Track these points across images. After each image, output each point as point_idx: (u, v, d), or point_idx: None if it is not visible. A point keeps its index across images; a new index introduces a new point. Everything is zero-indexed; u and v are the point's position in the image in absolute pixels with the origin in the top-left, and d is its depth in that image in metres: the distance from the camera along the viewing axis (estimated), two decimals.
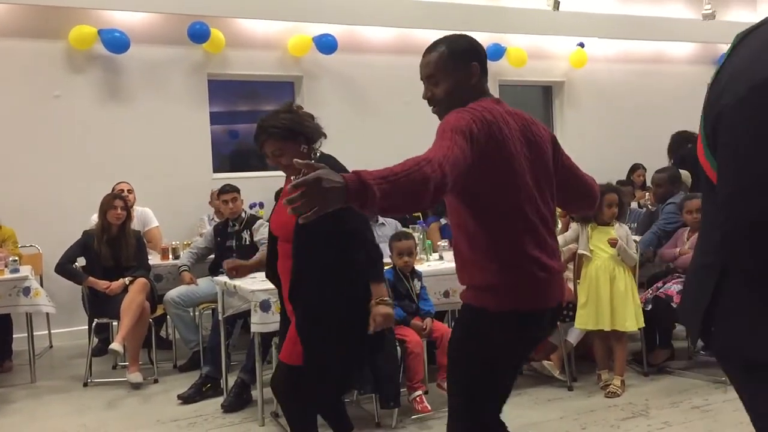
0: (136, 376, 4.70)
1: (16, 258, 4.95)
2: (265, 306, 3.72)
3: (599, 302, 4.23)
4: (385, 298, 2.65)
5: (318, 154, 2.78)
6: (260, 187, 6.71)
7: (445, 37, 2.23)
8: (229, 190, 5.29)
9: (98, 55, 6.41)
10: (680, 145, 6.46)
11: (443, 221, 5.44)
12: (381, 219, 5.70)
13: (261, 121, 2.73)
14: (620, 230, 4.39)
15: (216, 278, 4.62)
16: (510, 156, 2.05)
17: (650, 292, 4.57)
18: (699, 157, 1.48)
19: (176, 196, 6.55)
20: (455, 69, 2.16)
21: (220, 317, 4.31)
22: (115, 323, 4.97)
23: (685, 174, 5.54)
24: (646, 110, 8.93)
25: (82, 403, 4.48)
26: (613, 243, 4.27)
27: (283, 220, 2.74)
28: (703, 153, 1.45)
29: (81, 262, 5.09)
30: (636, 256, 4.39)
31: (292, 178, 2.72)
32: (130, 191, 5.82)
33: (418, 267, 4.25)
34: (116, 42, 6.31)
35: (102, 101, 6.47)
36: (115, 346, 4.57)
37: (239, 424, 3.98)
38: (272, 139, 2.71)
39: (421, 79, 2.24)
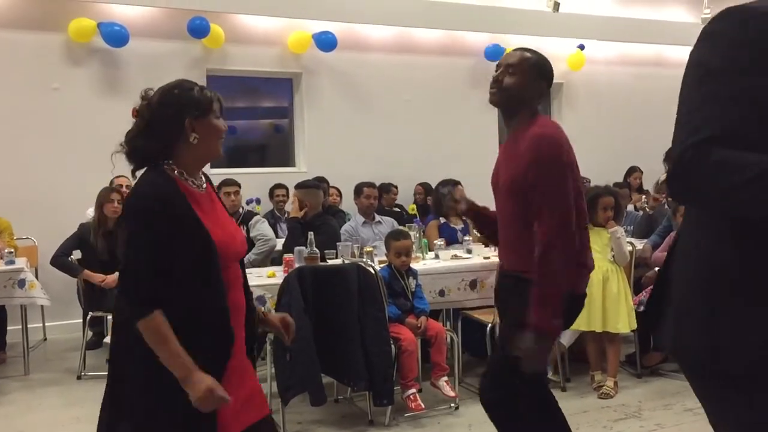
0: None
1: (12, 250, 4.94)
2: (261, 301, 3.73)
3: (591, 303, 4.22)
4: None
5: None
6: (257, 184, 6.74)
7: (536, 52, 2.57)
8: (232, 183, 5.39)
9: (97, 49, 6.40)
10: None
11: (442, 220, 5.43)
12: (378, 217, 5.71)
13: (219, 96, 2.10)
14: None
15: None
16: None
17: (644, 294, 4.58)
18: None
19: None
20: (532, 77, 2.51)
21: None
22: (109, 317, 4.96)
23: None
24: (643, 113, 8.95)
25: (75, 395, 4.49)
26: (610, 224, 4.29)
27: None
28: None
29: (77, 255, 5.09)
30: (628, 254, 4.39)
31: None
32: (128, 187, 5.81)
33: (414, 265, 4.26)
34: (116, 35, 6.30)
35: (100, 95, 6.46)
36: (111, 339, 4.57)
37: None
38: None
39: (500, 63, 2.56)
